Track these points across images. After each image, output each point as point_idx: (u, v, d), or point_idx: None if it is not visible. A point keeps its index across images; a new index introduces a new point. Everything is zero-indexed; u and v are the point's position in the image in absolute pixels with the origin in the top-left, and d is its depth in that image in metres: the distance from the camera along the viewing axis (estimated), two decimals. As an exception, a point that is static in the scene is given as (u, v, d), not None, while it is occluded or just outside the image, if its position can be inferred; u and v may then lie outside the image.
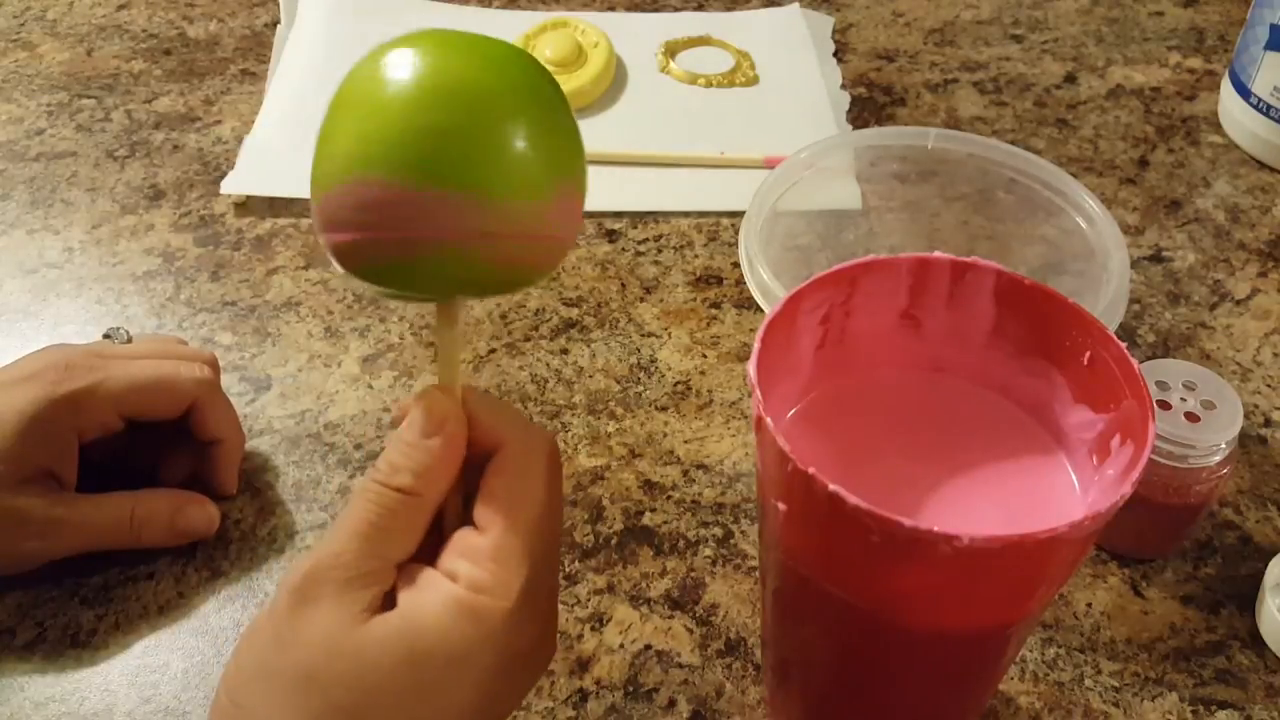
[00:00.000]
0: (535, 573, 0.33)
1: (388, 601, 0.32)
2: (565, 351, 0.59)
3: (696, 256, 0.65)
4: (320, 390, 0.57)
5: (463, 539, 0.33)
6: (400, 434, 0.34)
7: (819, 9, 0.85)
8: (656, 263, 0.64)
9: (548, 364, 0.58)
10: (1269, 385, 0.58)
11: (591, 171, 0.72)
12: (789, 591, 0.37)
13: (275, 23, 0.81)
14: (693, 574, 0.49)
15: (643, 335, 0.60)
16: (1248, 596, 0.49)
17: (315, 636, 0.31)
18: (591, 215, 0.67)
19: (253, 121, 0.72)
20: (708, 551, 0.50)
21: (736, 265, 0.64)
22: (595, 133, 0.73)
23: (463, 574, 0.32)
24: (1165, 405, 0.47)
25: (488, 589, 0.32)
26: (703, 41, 0.80)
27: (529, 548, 0.33)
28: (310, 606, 0.32)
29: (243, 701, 0.32)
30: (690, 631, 0.47)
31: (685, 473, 0.53)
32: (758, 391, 0.33)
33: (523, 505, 0.33)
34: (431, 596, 0.32)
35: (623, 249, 0.65)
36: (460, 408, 0.34)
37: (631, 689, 0.45)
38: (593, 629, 0.47)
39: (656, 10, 0.85)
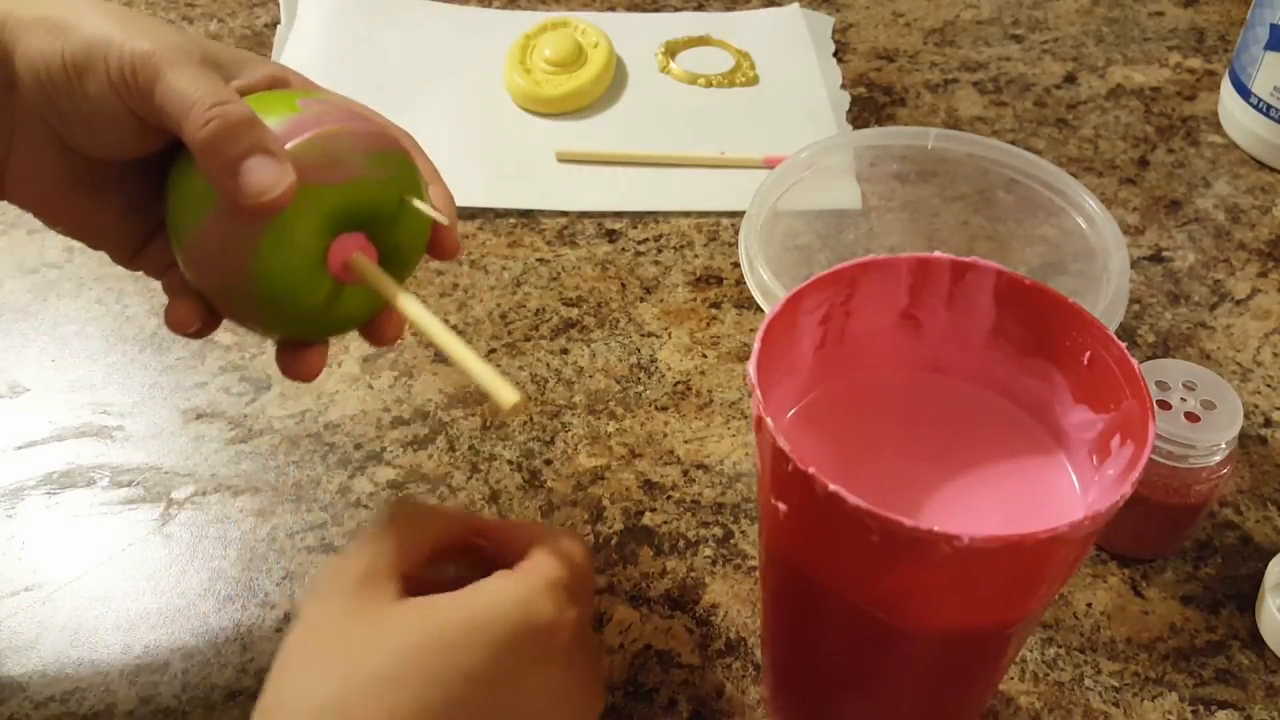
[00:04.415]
0: (568, 587, 0.35)
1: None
2: (565, 351, 0.59)
3: (696, 256, 0.65)
4: (320, 390, 0.57)
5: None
6: None
7: (819, 9, 0.85)
8: (656, 263, 0.64)
9: (548, 364, 0.58)
10: (1269, 385, 0.58)
11: (591, 171, 0.73)
12: (789, 591, 0.37)
13: (275, 23, 0.81)
14: (693, 574, 0.49)
15: (643, 335, 0.60)
16: (1248, 596, 0.49)
17: (332, 622, 0.33)
18: (591, 215, 0.67)
19: (253, 121, 0.72)
20: (708, 551, 0.50)
21: (736, 265, 0.64)
22: (595, 133, 0.73)
23: (492, 576, 0.35)
24: (1165, 405, 0.47)
25: (517, 573, 0.34)
26: (703, 41, 0.80)
27: (562, 568, 0.35)
28: (318, 604, 0.34)
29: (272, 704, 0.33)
30: (690, 631, 0.47)
31: (685, 473, 0.53)
32: (758, 391, 0.33)
33: (557, 552, 0.36)
34: (458, 593, 0.34)
35: (623, 249, 0.65)
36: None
37: (631, 689, 0.45)
38: (593, 629, 0.47)
39: (656, 10, 0.85)
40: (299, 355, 0.39)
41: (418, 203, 0.38)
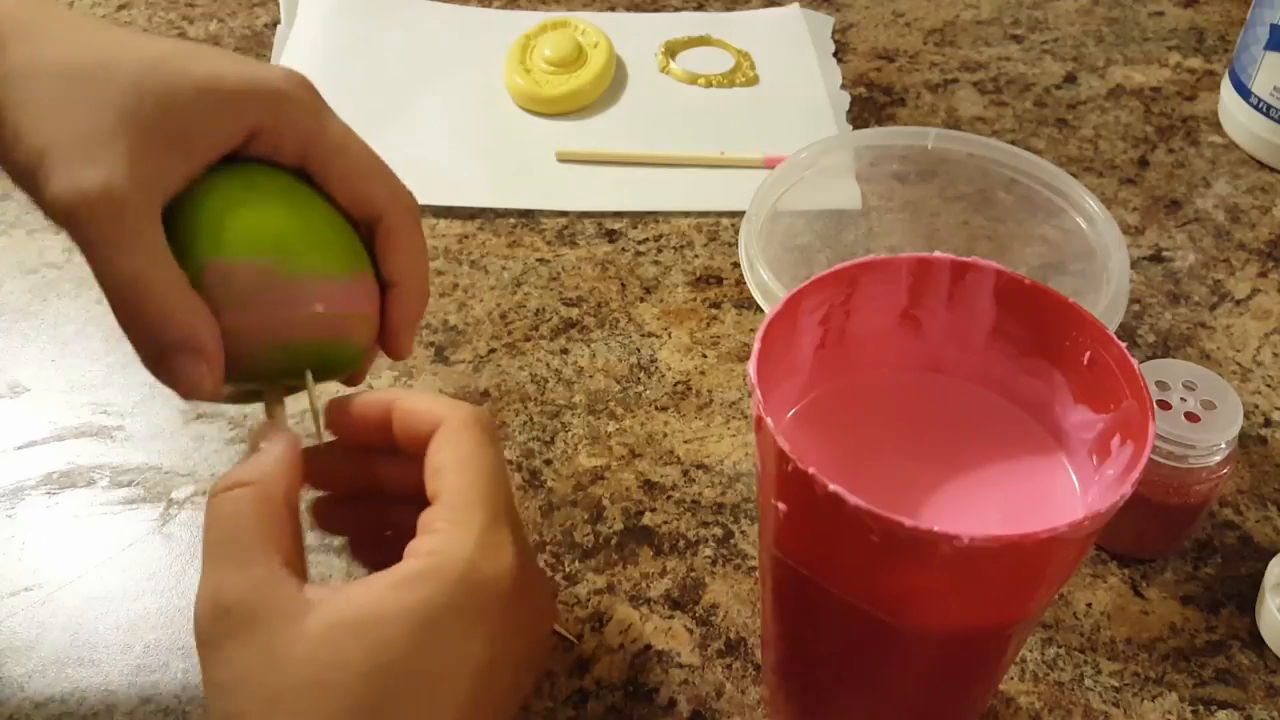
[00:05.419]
0: (494, 520, 0.32)
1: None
2: (565, 351, 0.59)
3: (696, 256, 0.65)
4: (321, 391, 0.57)
5: (420, 520, 0.33)
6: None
7: (819, 9, 0.85)
8: (656, 263, 0.64)
9: (548, 364, 0.58)
10: (1269, 385, 0.58)
11: (591, 171, 0.73)
12: (789, 591, 0.37)
13: (275, 23, 0.81)
14: (693, 574, 0.49)
15: (643, 335, 0.60)
16: (1248, 596, 0.49)
17: (251, 662, 0.30)
18: (592, 215, 0.67)
19: (253, 121, 0.72)
20: (708, 551, 0.50)
21: (736, 265, 0.64)
22: (595, 133, 0.73)
23: (417, 548, 0.32)
24: (1165, 405, 0.47)
25: (442, 549, 0.31)
26: (703, 41, 0.80)
27: (480, 499, 0.33)
28: (217, 649, 0.31)
29: None
30: (690, 631, 0.47)
31: (685, 473, 0.53)
32: (758, 391, 0.33)
33: (466, 467, 0.33)
34: (383, 579, 0.31)
35: (623, 249, 0.65)
36: (286, 424, 0.37)
37: (631, 689, 0.45)
38: (593, 629, 0.47)
39: (656, 10, 0.85)
40: None
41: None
